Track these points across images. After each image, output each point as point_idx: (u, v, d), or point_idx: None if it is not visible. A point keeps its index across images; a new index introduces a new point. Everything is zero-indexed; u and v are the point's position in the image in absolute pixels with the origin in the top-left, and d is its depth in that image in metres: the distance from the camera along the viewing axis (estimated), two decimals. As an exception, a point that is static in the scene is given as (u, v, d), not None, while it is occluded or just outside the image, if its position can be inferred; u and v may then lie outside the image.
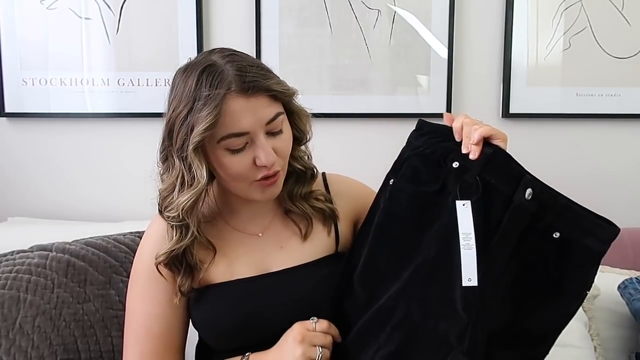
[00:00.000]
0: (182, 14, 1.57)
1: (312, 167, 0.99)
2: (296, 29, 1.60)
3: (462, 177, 0.78)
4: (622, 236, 1.55)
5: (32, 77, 1.59)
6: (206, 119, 0.81)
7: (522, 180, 0.78)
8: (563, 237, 0.78)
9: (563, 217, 0.78)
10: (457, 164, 0.79)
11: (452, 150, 0.81)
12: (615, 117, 1.66)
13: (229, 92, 0.82)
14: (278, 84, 0.87)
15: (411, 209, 0.82)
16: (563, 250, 0.79)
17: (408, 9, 1.60)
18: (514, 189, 0.77)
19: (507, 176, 0.78)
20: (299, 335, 0.83)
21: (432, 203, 0.80)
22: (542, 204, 0.77)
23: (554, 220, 0.78)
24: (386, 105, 1.63)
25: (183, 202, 0.86)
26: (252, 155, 0.85)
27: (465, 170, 0.78)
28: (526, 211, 0.77)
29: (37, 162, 1.64)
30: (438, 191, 0.80)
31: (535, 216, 0.77)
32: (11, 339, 1.06)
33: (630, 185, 1.70)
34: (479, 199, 0.76)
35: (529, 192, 0.77)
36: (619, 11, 1.62)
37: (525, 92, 1.64)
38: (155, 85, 1.59)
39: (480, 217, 0.76)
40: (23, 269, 1.13)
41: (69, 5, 1.57)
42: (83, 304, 1.13)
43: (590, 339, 1.32)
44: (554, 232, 0.78)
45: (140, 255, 0.96)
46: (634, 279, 1.34)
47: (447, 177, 0.80)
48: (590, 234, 0.79)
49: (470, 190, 0.77)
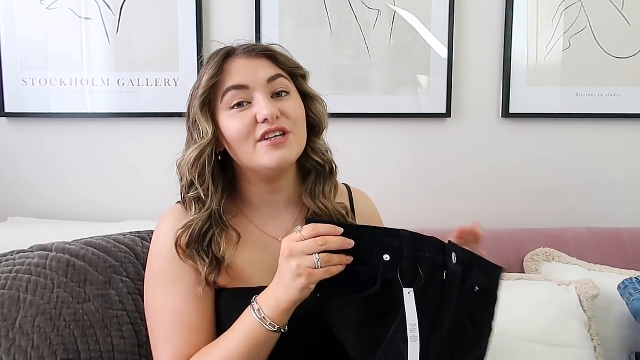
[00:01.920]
0: (182, 14, 1.57)
1: (330, 161, 0.98)
2: (296, 29, 1.60)
3: (399, 266, 0.77)
4: (622, 236, 1.57)
5: (32, 77, 1.59)
6: (209, 72, 0.90)
7: (445, 246, 0.80)
8: (480, 289, 0.83)
9: (477, 270, 0.82)
10: (387, 257, 0.77)
11: (375, 245, 0.78)
12: (615, 117, 1.67)
13: (232, 55, 0.92)
14: (284, 53, 0.94)
15: (358, 316, 0.79)
16: (482, 300, 0.84)
17: (408, 9, 1.60)
18: (444, 257, 0.79)
19: (433, 247, 0.79)
20: (287, 250, 0.77)
21: (377, 303, 0.78)
22: (464, 264, 0.81)
23: (474, 276, 0.82)
24: (386, 105, 1.63)
25: (188, 158, 0.90)
26: (254, 112, 0.88)
27: (400, 258, 0.77)
28: (457, 274, 0.80)
29: (37, 162, 1.64)
30: (381, 289, 0.77)
31: (462, 277, 0.81)
32: (11, 339, 1.06)
33: (630, 185, 1.70)
34: (424, 283, 0.77)
35: (454, 257, 0.79)
36: (619, 11, 1.62)
37: (525, 92, 1.64)
38: (155, 85, 1.59)
39: (429, 299, 0.77)
40: (23, 269, 1.13)
41: (69, 5, 1.57)
42: (83, 304, 1.13)
43: (590, 339, 1.32)
44: (475, 287, 0.82)
45: (157, 251, 0.94)
46: (634, 279, 1.34)
47: (384, 273, 0.77)
48: (492, 278, 0.85)
49: (411, 275, 0.77)
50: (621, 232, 1.56)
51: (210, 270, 0.89)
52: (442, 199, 1.67)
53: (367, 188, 1.08)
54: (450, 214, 1.64)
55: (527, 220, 1.64)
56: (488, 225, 1.60)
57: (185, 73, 1.59)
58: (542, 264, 1.48)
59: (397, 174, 1.66)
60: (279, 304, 0.78)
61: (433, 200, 1.67)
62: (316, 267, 0.74)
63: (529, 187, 1.68)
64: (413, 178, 1.67)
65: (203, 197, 0.90)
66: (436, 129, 1.66)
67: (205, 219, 0.90)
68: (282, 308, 0.78)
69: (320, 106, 0.97)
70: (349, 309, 0.79)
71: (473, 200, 1.67)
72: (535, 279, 1.41)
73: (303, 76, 0.97)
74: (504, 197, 1.68)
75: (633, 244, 1.53)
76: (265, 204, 0.97)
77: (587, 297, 1.35)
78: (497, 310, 0.86)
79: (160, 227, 0.95)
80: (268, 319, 0.79)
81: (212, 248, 0.89)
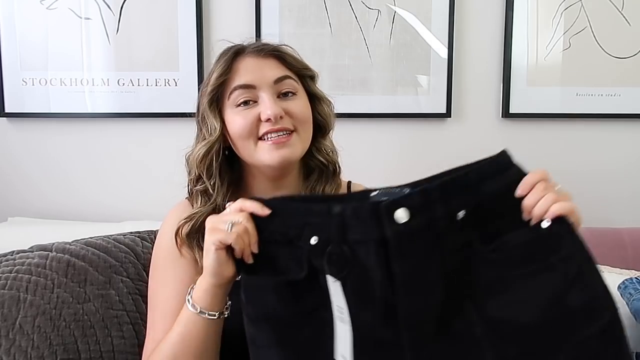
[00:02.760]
0: (182, 14, 1.57)
1: (334, 162, 0.99)
2: (296, 29, 1.60)
3: (325, 251, 0.66)
4: (622, 236, 1.57)
5: (32, 77, 1.59)
6: (217, 71, 0.92)
7: (382, 209, 0.63)
8: (471, 211, 0.64)
9: (449, 197, 0.65)
10: (315, 239, 0.67)
11: (304, 225, 0.68)
12: (615, 117, 1.66)
13: (241, 54, 0.93)
14: (292, 54, 0.95)
15: (280, 306, 0.69)
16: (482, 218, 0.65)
17: (408, 9, 1.60)
18: (380, 229, 0.63)
19: (369, 223, 0.64)
20: (210, 217, 0.75)
21: (302, 292, 0.68)
22: (425, 209, 0.64)
23: (453, 202, 0.65)
24: (386, 105, 1.63)
25: (196, 153, 0.92)
26: (259, 111, 0.90)
27: (327, 243, 0.66)
28: (412, 233, 0.63)
29: (37, 162, 1.64)
30: (307, 277, 0.67)
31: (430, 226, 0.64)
32: (11, 339, 1.06)
33: (630, 185, 1.70)
34: (355, 272, 0.64)
35: (403, 213, 0.63)
36: (619, 11, 1.62)
37: (525, 92, 1.64)
38: (155, 85, 1.59)
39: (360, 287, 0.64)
40: (23, 269, 1.13)
41: (69, 5, 1.57)
42: (83, 304, 1.13)
43: (590, 339, 1.32)
44: (456, 215, 0.64)
45: (158, 243, 0.98)
46: (634, 279, 1.34)
47: (311, 258, 0.67)
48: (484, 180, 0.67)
49: (341, 264, 0.65)
50: (621, 232, 1.56)
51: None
52: (442, 199, 1.67)
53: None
54: (450, 214, 1.64)
55: (527, 220, 1.64)
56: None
57: (185, 73, 1.59)
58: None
59: (397, 174, 1.64)
60: (200, 283, 0.76)
61: (433, 200, 1.67)
62: (227, 228, 0.70)
63: (529, 187, 1.68)
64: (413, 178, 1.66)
65: (209, 191, 0.92)
66: (436, 129, 1.66)
67: (210, 212, 0.91)
68: (202, 286, 0.75)
69: (327, 107, 0.99)
70: (265, 295, 0.69)
71: (473, 200, 1.67)
72: (535, 279, 1.41)
73: (311, 77, 0.98)
74: (504, 197, 1.67)
75: (633, 244, 1.52)
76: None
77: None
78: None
79: (166, 219, 0.99)
80: (194, 302, 0.77)
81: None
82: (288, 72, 0.94)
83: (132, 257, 1.23)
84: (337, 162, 1.00)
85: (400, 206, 0.63)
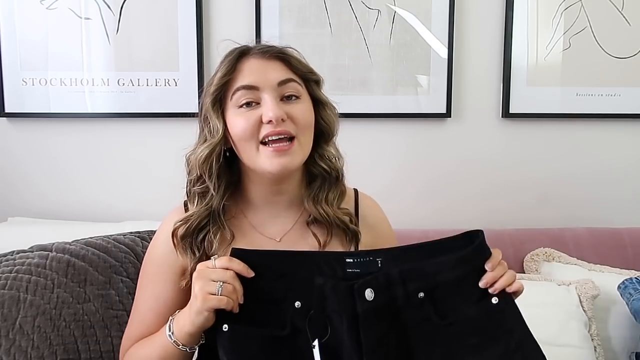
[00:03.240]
0: (182, 14, 1.57)
1: (337, 169, 0.98)
2: (296, 29, 1.60)
3: (308, 316, 0.77)
4: (622, 236, 1.57)
5: (32, 77, 1.59)
6: (221, 71, 0.91)
7: (355, 290, 0.77)
8: (428, 292, 0.78)
9: (408, 281, 0.78)
10: (299, 303, 0.78)
11: (288, 290, 0.78)
12: (615, 117, 1.66)
13: (246, 55, 0.93)
14: (298, 57, 0.94)
15: (263, 356, 0.77)
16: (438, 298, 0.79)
17: (408, 9, 1.60)
18: (353, 304, 0.76)
19: (345, 299, 0.77)
20: (197, 272, 0.80)
21: (283, 347, 0.77)
22: (389, 286, 0.77)
23: (412, 286, 0.78)
24: (386, 105, 1.63)
25: (199, 154, 0.91)
26: (261, 113, 0.89)
27: (309, 308, 0.77)
28: (378, 308, 0.76)
29: (37, 162, 1.64)
30: (290, 334, 0.77)
31: (390, 302, 0.77)
32: (11, 339, 1.06)
33: (630, 185, 1.70)
34: (331, 338, 0.76)
35: (370, 293, 0.77)
36: (619, 11, 1.62)
37: (525, 92, 1.64)
38: (155, 85, 1.59)
39: (336, 354, 0.76)
40: (23, 269, 1.13)
41: (69, 5, 1.57)
42: (83, 304, 1.13)
43: (590, 339, 1.32)
44: (418, 294, 0.78)
45: (152, 248, 0.99)
46: (634, 279, 1.34)
47: (294, 319, 0.78)
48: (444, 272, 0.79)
49: (319, 328, 0.76)
50: (621, 232, 1.56)
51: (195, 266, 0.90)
52: (441, 199, 1.67)
53: (366, 188, 1.07)
54: (450, 214, 1.64)
55: (527, 220, 1.64)
56: (488, 225, 1.61)
57: (185, 73, 1.59)
58: (542, 264, 1.48)
59: (397, 174, 1.66)
60: (183, 325, 0.81)
61: (433, 200, 1.67)
62: (216, 292, 0.76)
63: (528, 187, 1.68)
64: (413, 178, 1.67)
65: (208, 192, 0.92)
66: (436, 129, 1.66)
67: (205, 215, 0.92)
68: (186, 330, 0.81)
69: (332, 113, 0.97)
70: (251, 343, 0.77)
71: (473, 200, 1.67)
72: (535, 279, 1.41)
73: (316, 81, 0.97)
74: (503, 197, 1.68)
75: (633, 244, 1.53)
76: (267, 204, 0.97)
77: (587, 297, 1.35)
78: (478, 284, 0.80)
79: (161, 227, 0.99)
80: (175, 339, 0.83)
81: (204, 244, 0.92)
82: (292, 75, 0.92)
83: (132, 257, 1.23)
84: (340, 169, 0.99)
85: (368, 286, 0.77)
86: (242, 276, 0.78)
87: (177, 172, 0.98)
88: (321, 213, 0.94)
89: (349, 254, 0.82)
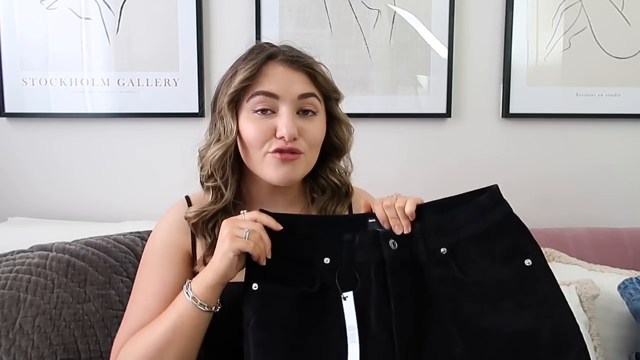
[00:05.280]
0: (182, 14, 1.57)
1: (347, 184, 0.99)
2: (296, 29, 1.60)
3: (337, 271, 0.79)
4: (622, 236, 1.57)
5: (32, 77, 1.59)
6: (244, 72, 0.88)
7: (380, 236, 0.80)
8: (451, 248, 0.79)
9: (429, 236, 0.80)
10: (327, 259, 0.80)
11: (316, 248, 0.81)
12: (615, 117, 1.66)
13: (273, 59, 0.91)
14: (324, 73, 0.94)
15: (293, 314, 0.78)
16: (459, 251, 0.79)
17: (408, 9, 1.60)
18: (380, 251, 0.79)
19: (371, 245, 0.80)
20: (225, 221, 0.81)
21: (313, 304, 0.79)
22: (411, 243, 0.80)
23: (433, 241, 0.79)
24: (386, 105, 1.63)
25: (212, 154, 0.91)
26: (275, 124, 0.88)
27: (338, 263, 0.80)
28: (403, 260, 0.79)
29: (37, 162, 1.64)
30: (319, 291, 0.79)
31: (413, 257, 0.79)
32: (11, 339, 1.06)
33: (630, 185, 1.70)
34: (360, 288, 0.78)
35: (392, 243, 0.79)
36: (619, 11, 1.62)
37: (525, 92, 1.64)
38: (155, 85, 1.59)
39: (366, 303, 0.77)
40: (23, 269, 1.13)
41: (69, 5, 1.57)
42: (83, 304, 1.13)
43: (590, 339, 1.32)
44: (440, 249, 0.79)
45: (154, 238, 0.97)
46: (634, 279, 1.34)
47: (323, 275, 0.79)
48: (463, 225, 0.80)
49: (349, 281, 0.78)
50: (621, 232, 1.56)
51: (209, 252, 0.91)
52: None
53: (366, 188, 1.08)
54: (450, 214, 1.65)
55: (527, 220, 1.63)
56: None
57: (185, 73, 1.59)
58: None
59: (396, 174, 1.66)
60: (204, 279, 0.80)
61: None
62: (244, 236, 0.77)
63: (528, 186, 1.68)
64: (412, 178, 1.67)
65: (222, 188, 0.93)
66: (436, 129, 1.66)
67: (220, 209, 0.93)
68: (207, 283, 0.80)
69: (347, 131, 0.98)
70: (282, 301, 0.78)
71: (473, 200, 1.67)
72: (535, 279, 1.41)
73: (337, 100, 0.97)
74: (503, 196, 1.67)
75: (633, 244, 1.52)
76: (264, 203, 0.97)
77: (587, 297, 1.35)
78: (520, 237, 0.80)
79: (162, 219, 0.99)
80: (195, 295, 0.80)
81: (214, 232, 0.92)
82: (315, 90, 0.92)
83: (132, 257, 1.23)
84: (350, 184, 1.00)
85: (392, 237, 0.79)
86: (271, 235, 0.79)
87: (177, 172, 0.99)
88: None
89: (372, 214, 0.83)
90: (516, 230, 0.81)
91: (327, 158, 0.97)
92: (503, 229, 0.79)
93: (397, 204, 0.81)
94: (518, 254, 0.78)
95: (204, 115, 1.59)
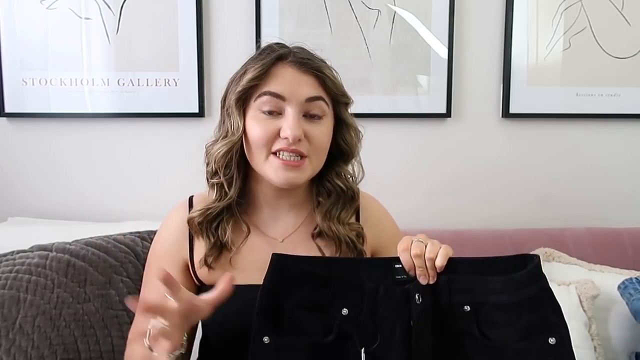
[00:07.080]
0: (182, 14, 1.57)
1: (353, 188, 0.98)
2: (296, 29, 1.60)
3: (357, 323, 0.77)
4: (622, 236, 1.57)
5: (32, 77, 1.59)
6: (253, 72, 0.89)
7: (410, 292, 0.77)
8: (474, 308, 0.76)
9: (462, 292, 0.77)
10: (346, 311, 0.77)
11: (334, 296, 0.78)
12: (615, 117, 1.67)
13: (283, 60, 0.91)
14: (333, 77, 0.93)
15: None
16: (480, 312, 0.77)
17: (408, 9, 1.60)
18: (408, 309, 0.76)
19: (400, 304, 0.77)
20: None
21: (328, 354, 0.76)
22: (434, 293, 0.77)
23: (458, 298, 0.77)
24: (386, 105, 1.63)
25: (217, 150, 0.92)
26: (280, 125, 0.88)
27: (358, 315, 0.77)
28: (426, 313, 0.76)
29: (37, 162, 1.64)
30: (334, 340, 0.76)
31: (435, 308, 0.77)
32: (11, 339, 1.06)
33: (630, 185, 1.70)
34: (380, 344, 0.75)
35: (418, 298, 0.76)
36: (619, 11, 1.62)
37: (525, 92, 1.64)
38: (155, 85, 1.59)
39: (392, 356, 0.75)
40: (23, 269, 1.13)
41: (69, 5, 1.57)
42: (83, 304, 1.13)
43: (590, 339, 1.32)
44: (464, 307, 0.77)
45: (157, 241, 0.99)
46: (634, 279, 1.34)
47: (340, 325, 0.77)
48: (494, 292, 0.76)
49: (368, 335, 0.76)
50: (621, 232, 1.56)
51: (210, 252, 0.92)
52: (441, 199, 1.67)
53: (366, 188, 1.07)
54: (450, 214, 1.64)
55: (527, 220, 1.64)
56: (487, 225, 1.61)
57: (185, 73, 1.59)
58: (542, 264, 1.47)
59: (397, 174, 1.66)
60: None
61: (433, 200, 1.67)
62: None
63: (529, 187, 1.68)
64: (413, 178, 1.67)
65: (225, 186, 0.93)
66: (436, 129, 1.66)
67: (222, 207, 0.93)
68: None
69: (355, 136, 0.97)
70: (296, 354, 0.76)
71: (473, 200, 1.67)
72: (535, 279, 1.41)
73: (346, 104, 0.96)
74: (503, 197, 1.68)
75: (633, 244, 1.53)
76: (269, 205, 0.97)
77: (587, 297, 1.35)
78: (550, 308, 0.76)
79: (165, 220, 1.00)
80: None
81: (218, 232, 0.93)
82: (323, 93, 0.91)
83: (132, 257, 1.23)
84: (356, 188, 0.99)
85: (416, 290, 0.76)
86: (289, 283, 0.77)
87: (177, 172, 0.99)
88: (333, 230, 0.94)
89: (397, 259, 0.79)
90: (548, 306, 0.77)
91: (334, 162, 0.97)
92: (534, 302, 0.76)
93: (426, 254, 0.77)
94: (544, 330, 0.75)
95: (204, 115, 1.59)
